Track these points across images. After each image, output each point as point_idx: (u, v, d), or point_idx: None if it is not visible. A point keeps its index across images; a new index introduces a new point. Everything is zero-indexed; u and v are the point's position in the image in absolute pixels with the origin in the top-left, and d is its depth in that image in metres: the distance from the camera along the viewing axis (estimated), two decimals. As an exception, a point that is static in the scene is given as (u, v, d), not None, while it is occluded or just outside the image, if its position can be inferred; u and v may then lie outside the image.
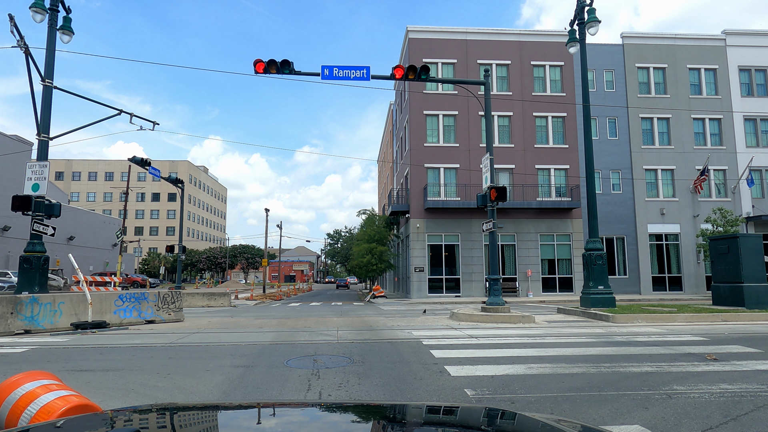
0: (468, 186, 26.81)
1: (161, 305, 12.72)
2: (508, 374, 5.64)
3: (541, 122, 28.07)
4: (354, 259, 33.40)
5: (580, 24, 14.56)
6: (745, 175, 27.81)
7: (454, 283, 26.70)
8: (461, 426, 1.43)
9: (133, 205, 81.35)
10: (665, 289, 27.89)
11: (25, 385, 2.40)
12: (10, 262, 35.65)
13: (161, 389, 5.12)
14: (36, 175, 12.58)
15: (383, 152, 49.52)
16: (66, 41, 13.35)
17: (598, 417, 3.97)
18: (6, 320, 9.85)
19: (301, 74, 13.32)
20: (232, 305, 21.00)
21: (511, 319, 11.99)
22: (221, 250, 76.09)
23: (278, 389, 5.05)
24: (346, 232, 61.69)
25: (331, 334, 9.65)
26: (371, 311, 17.03)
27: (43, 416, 2.25)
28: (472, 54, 27.97)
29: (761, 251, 13.34)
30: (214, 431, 1.34)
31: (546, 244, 27.39)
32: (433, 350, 7.44)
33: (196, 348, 8.02)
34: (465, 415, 1.56)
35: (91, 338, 9.44)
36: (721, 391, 4.72)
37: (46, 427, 1.27)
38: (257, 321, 13.19)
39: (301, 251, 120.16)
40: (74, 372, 6.01)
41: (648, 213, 28.20)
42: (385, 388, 5.08)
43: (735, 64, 29.36)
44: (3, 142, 35.20)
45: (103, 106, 16.94)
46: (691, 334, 9.17)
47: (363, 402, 2.83)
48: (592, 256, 13.89)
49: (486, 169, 14.07)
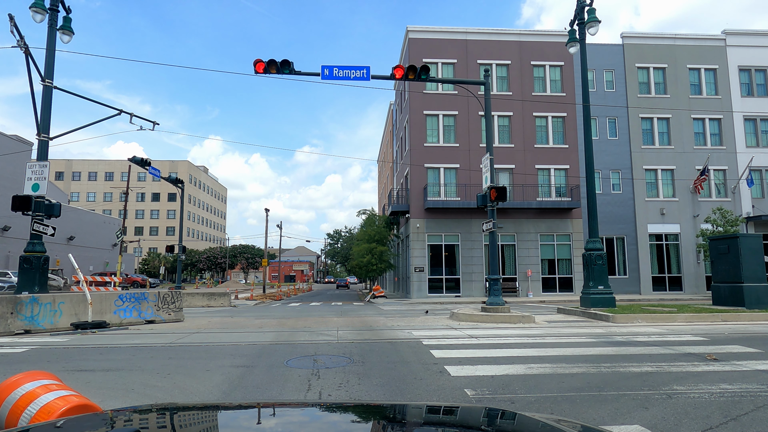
0: (468, 186, 26.81)
1: (161, 305, 12.72)
2: (508, 374, 5.64)
3: (541, 122, 28.07)
4: (354, 259, 33.41)
5: (580, 24, 14.56)
6: (745, 175, 27.80)
7: (454, 283, 26.70)
8: (461, 426, 1.43)
9: (133, 205, 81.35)
10: (665, 289, 27.89)
11: (25, 385, 2.40)
12: (10, 262, 35.65)
13: (161, 389, 5.12)
14: (36, 175, 12.58)
15: (383, 152, 49.52)
16: (66, 41, 13.35)
17: (598, 417, 3.97)
18: (6, 320, 9.85)
19: (301, 74, 13.32)
20: (232, 305, 21.00)
21: (511, 319, 11.99)
22: (221, 250, 76.10)
23: (278, 389, 5.05)
24: (346, 232, 61.71)
25: (331, 334, 9.65)
26: (371, 311, 17.03)
27: (43, 416, 2.25)
28: (472, 54, 27.97)
29: (761, 251, 13.34)
30: (214, 431, 1.33)
31: (546, 244, 27.39)
32: (433, 350, 7.44)
33: (196, 348, 8.02)
34: (465, 415, 1.56)
35: (91, 338, 9.44)
36: (721, 391, 4.72)
37: (46, 427, 1.27)
38: (257, 321, 13.18)
39: (301, 251, 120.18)
40: (74, 372, 6.01)
41: (648, 213, 28.21)
42: (385, 388, 5.08)
43: (735, 64, 29.36)
44: (3, 142, 35.19)
45: (103, 106, 16.95)
46: (691, 334, 9.17)
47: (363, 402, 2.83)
48: (592, 256, 13.89)
49: (486, 169, 14.07)
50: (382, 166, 51.52)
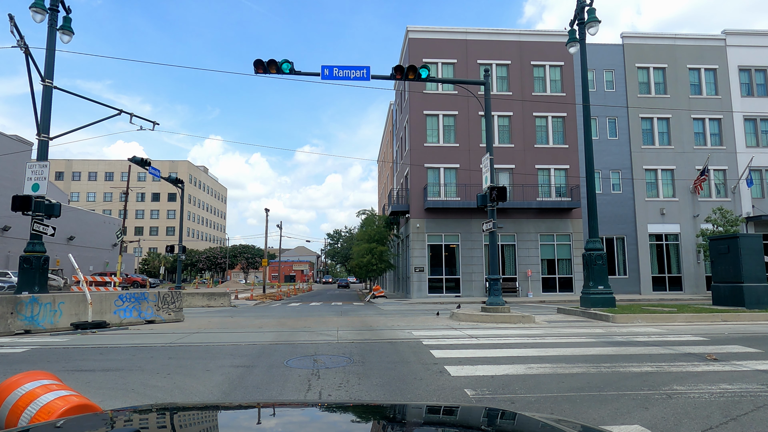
0: (468, 186, 26.81)
1: (161, 305, 12.71)
2: (508, 374, 5.64)
3: (541, 122, 28.07)
4: (354, 259, 33.42)
5: (580, 24, 14.56)
6: (744, 175, 27.80)
7: (454, 283, 26.70)
8: (461, 426, 1.42)
9: (133, 205, 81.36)
10: (665, 289, 27.89)
11: (25, 385, 2.40)
12: (10, 262, 35.64)
13: (161, 389, 5.12)
14: (36, 175, 12.58)
15: (383, 152, 49.52)
16: (66, 41, 13.35)
17: (599, 417, 3.97)
18: (6, 320, 9.85)
19: (301, 74, 13.33)
20: (232, 305, 21.00)
21: (511, 319, 11.99)
22: (221, 250, 76.10)
23: (278, 389, 5.05)
24: (346, 232, 61.72)
25: (331, 334, 9.64)
26: (371, 311, 17.03)
27: (43, 416, 2.25)
28: (472, 54, 27.97)
29: (761, 251, 13.34)
30: (214, 431, 1.33)
31: (546, 244, 27.38)
32: (433, 350, 7.44)
33: (196, 348, 8.02)
34: (465, 415, 1.56)
35: (91, 338, 9.44)
36: (721, 391, 4.72)
37: (46, 427, 1.27)
38: (257, 321, 13.18)
39: (301, 251, 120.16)
40: (74, 372, 6.01)
41: (648, 213, 28.21)
42: (385, 388, 5.07)
43: (735, 64, 29.36)
44: (3, 142, 35.18)
45: (103, 106, 16.95)
46: (691, 334, 9.17)
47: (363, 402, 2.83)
48: (592, 256, 13.89)
49: (486, 169, 14.07)
50: (382, 166, 51.52)
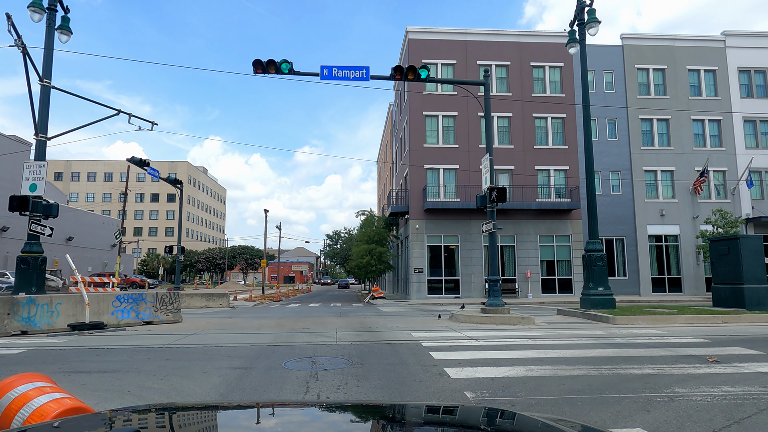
0: (467, 187, 26.78)
1: (159, 306, 12.66)
2: (508, 376, 5.60)
3: (540, 123, 28.06)
4: (353, 260, 33.35)
5: (580, 25, 14.55)
6: (744, 176, 27.81)
7: (453, 285, 26.66)
8: (461, 426, 1.41)
9: (132, 206, 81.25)
10: (665, 290, 27.87)
11: (18, 387, 2.36)
12: (8, 262, 35.58)
13: (157, 391, 5.07)
14: (33, 175, 12.53)
15: (383, 153, 49.50)
16: (64, 41, 13.31)
17: (600, 420, 3.93)
18: (2, 321, 9.79)
19: (301, 74, 13.30)
20: (230, 306, 20.94)
21: (511, 320, 11.95)
22: (220, 251, 76.06)
23: (276, 391, 5.00)
24: (346, 233, 61.68)
25: (329, 336, 9.60)
26: (370, 312, 16.99)
27: (36, 419, 2.21)
28: (471, 55, 27.96)
29: (762, 252, 13.32)
30: (213, 431, 1.33)
31: (545, 246, 27.36)
32: (432, 352, 7.40)
33: (193, 349, 7.97)
34: (464, 415, 1.55)
35: (88, 339, 9.39)
36: (724, 394, 4.68)
37: (44, 428, 1.26)
38: (256, 322, 13.14)
39: (300, 252, 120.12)
40: (70, 374, 5.96)
41: (648, 214, 28.20)
42: (384, 390, 5.03)
43: (734, 66, 29.38)
44: (1, 143, 35.13)
45: (102, 106, 16.91)
46: (692, 336, 9.13)
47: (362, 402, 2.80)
48: (592, 257, 13.86)
49: (486, 169, 14.04)
50: (381, 167, 51.50)
